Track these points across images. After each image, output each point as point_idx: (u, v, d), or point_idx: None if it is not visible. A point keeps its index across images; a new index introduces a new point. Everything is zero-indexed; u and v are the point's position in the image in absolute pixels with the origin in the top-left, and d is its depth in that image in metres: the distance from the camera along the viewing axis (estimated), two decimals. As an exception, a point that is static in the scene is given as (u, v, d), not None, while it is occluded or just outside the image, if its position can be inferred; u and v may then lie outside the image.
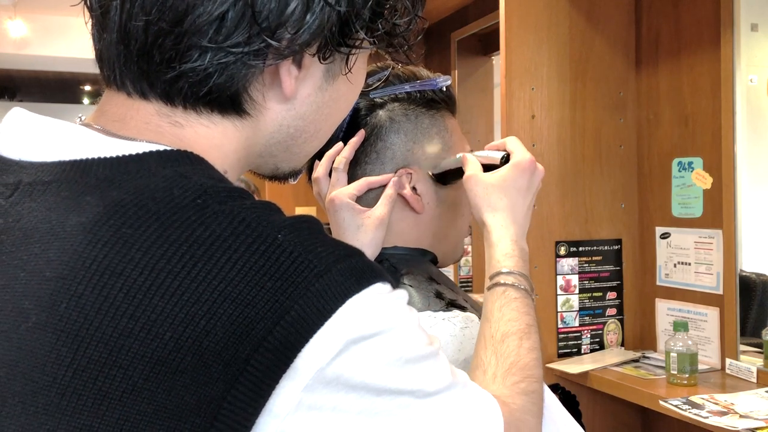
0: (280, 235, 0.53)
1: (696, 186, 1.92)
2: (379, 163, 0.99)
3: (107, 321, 0.49)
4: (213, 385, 0.49)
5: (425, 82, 1.00)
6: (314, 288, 0.51)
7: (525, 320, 0.78)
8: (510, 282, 0.80)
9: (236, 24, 0.56)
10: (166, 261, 0.50)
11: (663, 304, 2.04)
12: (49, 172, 0.57)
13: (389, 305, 0.55)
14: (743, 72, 1.84)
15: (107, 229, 0.52)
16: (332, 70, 0.65)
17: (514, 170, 0.86)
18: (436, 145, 1.00)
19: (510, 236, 0.84)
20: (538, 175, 0.88)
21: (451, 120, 1.04)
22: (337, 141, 0.99)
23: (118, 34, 0.59)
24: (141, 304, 0.49)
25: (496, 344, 0.75)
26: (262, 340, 0.49)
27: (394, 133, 0.98)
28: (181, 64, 0.57)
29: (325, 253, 0.53)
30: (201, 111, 0.60)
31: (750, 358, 1.83)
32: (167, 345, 0.48)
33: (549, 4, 2.00)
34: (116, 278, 0.50)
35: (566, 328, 2.03)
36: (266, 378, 0.49)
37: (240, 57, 0.58)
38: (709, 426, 1.49)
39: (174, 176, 0.55)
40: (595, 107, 2.06)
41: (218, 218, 0.52)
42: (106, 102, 0.63)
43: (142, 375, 0.48)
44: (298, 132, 0.66)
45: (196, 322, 0.49)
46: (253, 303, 0.50)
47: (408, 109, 0.99)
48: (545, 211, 2.01)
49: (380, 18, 0.63)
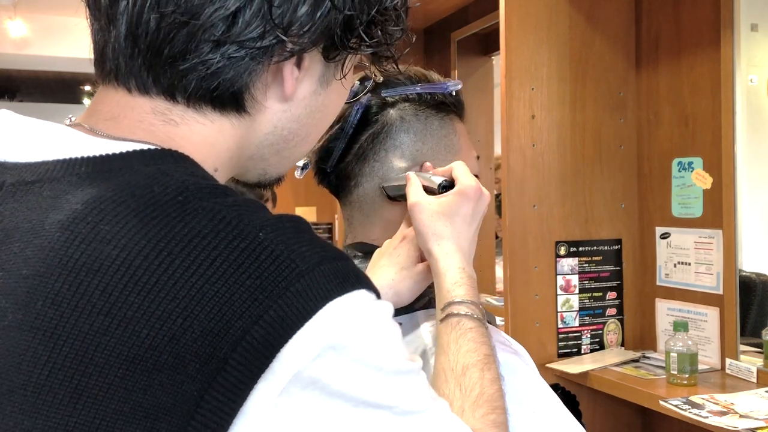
0: (261, 233, 0.52)
1: (696, 186, 1.92)
2: (387, 161, 0.99)
3: (83, 318, 0.49)
4: (190, 384, 0.48)
5: (436, 85, 1.01)
6: (295, 288, 0.50)
7: (483, 350, 0.77)
8: (464, 312, 0.79)
9: (251, 19, 0.57)
10: (143, 258, 0.49)
11: (663, 304, 2.04)
12: (33, 172, 0.57)
13: (372, 314, 0.54)
14: (743, 72, 1.84)
15: (84, 226, 0.51)
16: (326, 76, 0.66)
17: (459, 197, 0.86)
18: (444, 146, 1.01)
19: (457, 264, 0.84)
20: (484, 201, 0.88)
21: (460, 124, 1.05)
22: (346, 137, 1.00)
23: (128, 26, 0.58)
24: (117, 301, 0.49)
25: (458, 377, 0.74)
26: (240, 339, 0.49)
27: (403, 132, 0.99)
28: (193, 58, 0.57)
29: (308, 253, 0.52)
30: (201, 108, 0.60)
31: (750, 358, 1.83)
32: (144, 342, 0.48)
33: (549, 4, 1.99)
34: (93, 275, 0.49)
35: (566, 328, 2.03)
36: (244, 378, 0.49)
37: (251, 52, 0.58)
38: (709, 426, 1.49)
39: (156, 173, 0.55)
40: (595, 107, 2.06)
41: (198, 215, 0.52)
42: (100, 100, 0.62)
43: (118, 373, 0.48)
44: (291, 135, 0.67)
45: (173, 320, 0.48)
46: (232, 301, 0.49)
47: (419, 110, 1.00)
48: (545, 211, 2.01)
49: (379, 25, 0.64)
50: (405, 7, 0.67)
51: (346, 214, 1.05)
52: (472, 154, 1.05)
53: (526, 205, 1.99)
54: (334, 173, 1.02)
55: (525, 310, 1.98)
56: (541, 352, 1.98)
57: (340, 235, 3.70)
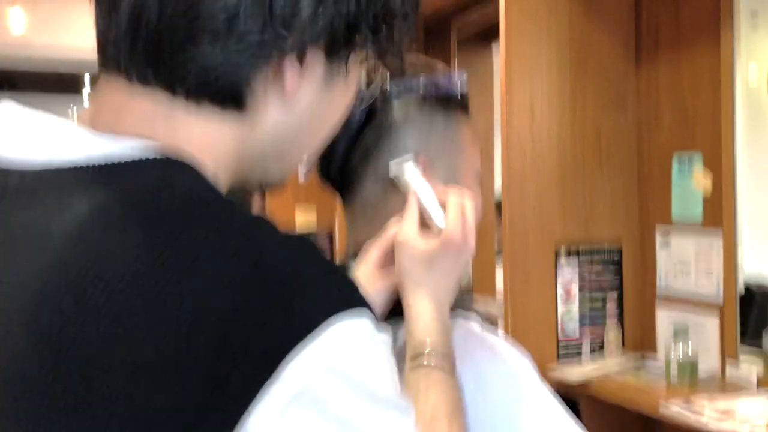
0: (267, 248, 0.52)
1: (696, 187, 1.92)
2: (390, 156, 0.98)
3: (88, 326, 0.49)
4: (192, 396, 0.48)
5: (441, 81, 1.01)
6: (299, 305, 0.50)
7: (452, 403, 0.79)
8: (433, 364, 0.81)
9: (252, 12, 0.57)
10: (148, 267, 0.49)
11: (663, 310, 2.03)
12: (36, 177, 0.57)
13: (374, 344, 0.54)
14: (743, 67, 1.84)
15: (90, 235, 0.51)
16: (330, 75, 0.65)
17: (443, 248, 0.86)
18: (448, 142, 1.01)
19: (430, 313, 0.85)
20: (466, 253, 0.87)
21: (464, 120, 1.04)
22: (350, 134, 0.99)
23: (129, 14, 0.58)
24: (122, 310, 0.49)
25: (427, 424, 0.75)
26: (243, 353, 0.49)
27: (408, 129, 0.98)
28: (193, 49, 0.57)
29: (314, 273, 0.52)
30: (201, 103, 0.59)
31: (750, 364, 1.83)
32: (147, 352, 0.48)
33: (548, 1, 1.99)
34: (98, 284, 0.49)
35: (567, 339, 2.03)
36: (246, 391, 0.48)
37: (250, 45, 0.57)
38: (710, 431, 1.49)
39: (162, 182, 0.55)
40: (595, 104, 2.05)
41: (204, 227, 0.52)
42: (103, 92, 0.62)
43: (121, 381, 0.48)
44: (293, 134, 0.66)
45: (177, 331, 0.48)
46: (235, 315, 0.49)
47: (423, 105, 1.00)
48: (545, 212, 2.00)
49: (385, 22, 0.63)
50: (413, 3, 0.66)
51: (349, 213, 1.04)
52: (476, 150, 1.04)
53: (526, 205, 1.98)
54: (337, 171, 1.02)
55: (524, 312, 1.97)
56: (540, 354, 1.98)
57: (340, 244, 3.69)
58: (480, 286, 2.87)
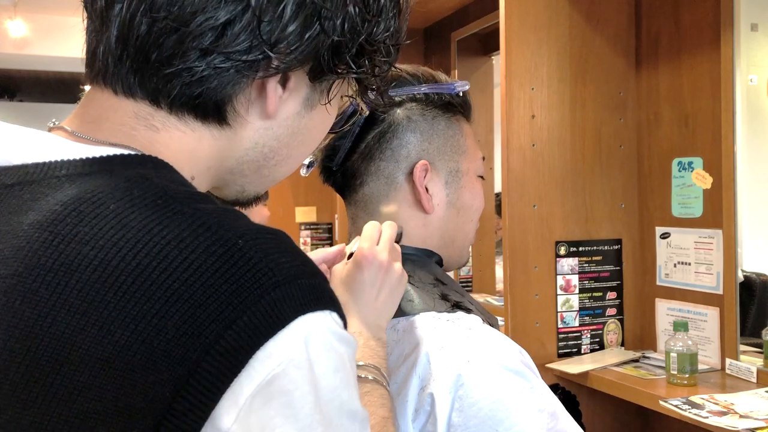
0: (240, 240, 0.52)
1: (696, 186, 1.92)
2: (393, 161, 1.00)
3: (60, 318, 0.49)
4: (162, 386, 0.48)
5: (443, 86, 1.02)
6: (270, 297, 0.50)
7: (380, 413, 0.79)
8: (362, 375, 0.80)
9: (240, 32, 0.58)
10: (120, 259, 0.50)
11: (663, 304, 2.04)
12: (12, 175, 0.57)
13: (340, 342, 0.54)
14: (743, 72, 1.84)
15: (63, 227, 0.52)
16: (311, 99, 0.67)
17: (352, 266, 0.87)
18: (450, 147, 1.02)
19: (353, 330, 0.84)
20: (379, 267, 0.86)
21: (466, 125, 1.06)
22: (352, 135, 1.00)
23: (120, 29, 0.59)
24: (94, 302, 0.49)
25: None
26: (213, 343, 0.48)
27: (410, 132, 1.00)
28: (179, 64, 0.58)
29: (287, 265, 0.52)
30: (183, 115, 0.61)
31: (750, 358, 1.83)
32: (118, 343, 0.48)
33: (549, 5, 2.00)
34: (70, 275, 0.50)
35: (566, 328, 2.03)
36: (216, 382, 0.49)
37: (236, 64, 0.59)
38: (709, 426, 1.49)
39: (135, 177, 0.55)
40: (595, 107, 2.06)
41: (177, 219, 0.52)
42: (86, 102, 0.63)
43: (92, 373, 0.48)
44: (271, 153, 0.67)
45: (148, 321, 0.48)
46: (206, 305, 0.49)
47: (425, 109, 1.01)
48: (545, 211, 2.01)
49: (367, 55, 0.65)
50: (395, 43, 0.67)
51: (351, 213, 1.05)
52: (478, 155, 1.05)
53: (526, 205, 1.99)
54: (340, 172, 1.03)
55: (525, 310, 1.98)
56: (541, 352, 1.99)
57: (340, 235, 3.70)
58: (480, 287, 2.88)
